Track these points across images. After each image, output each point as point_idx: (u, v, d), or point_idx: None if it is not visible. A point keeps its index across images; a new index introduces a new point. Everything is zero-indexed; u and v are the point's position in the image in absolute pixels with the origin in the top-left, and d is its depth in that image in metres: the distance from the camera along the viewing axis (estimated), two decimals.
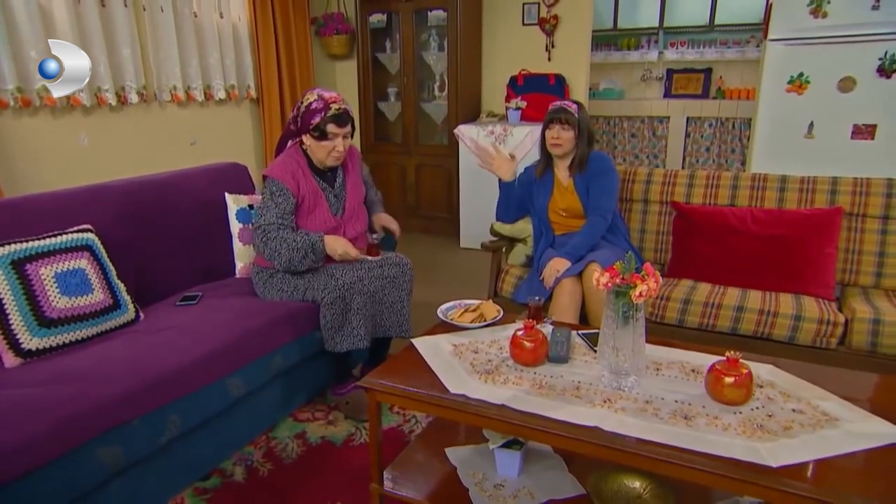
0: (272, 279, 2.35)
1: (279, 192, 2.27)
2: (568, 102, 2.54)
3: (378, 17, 4.67)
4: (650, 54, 6.48)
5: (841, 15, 3.13)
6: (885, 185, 2.45)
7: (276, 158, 2.42)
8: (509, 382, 1.59)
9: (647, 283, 1.46)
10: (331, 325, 2.22)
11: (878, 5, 3.02)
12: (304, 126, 2.26)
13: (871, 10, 3.05)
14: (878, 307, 2.17)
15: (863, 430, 1.34)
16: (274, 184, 2.28)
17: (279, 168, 2.32)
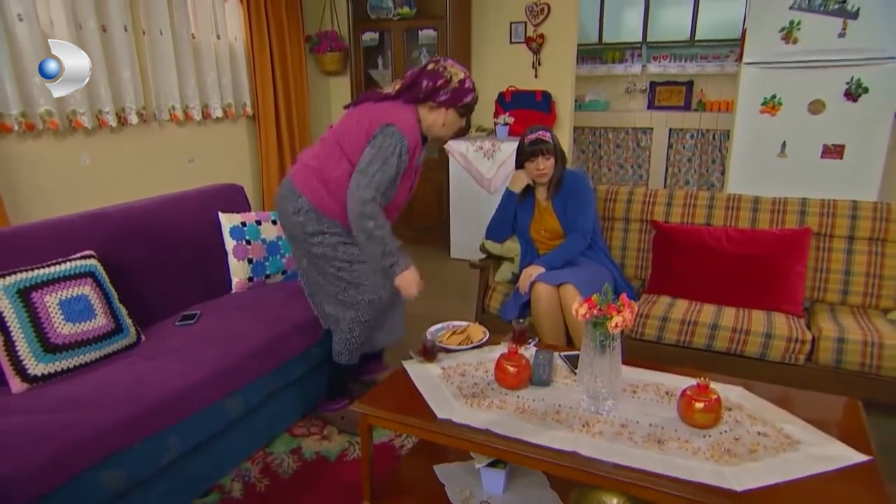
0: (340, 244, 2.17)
1: (404, 153, 2.07)
2: (542, 132, 2.58)
3: (370, 36, 4.70)
4: (634, 67, 6.56)
5: (810, 41, 3.20)
6: (850, 207, 2.52)
7: (383, 108, 2.13)
8: (494, 406, 1.64)
9: (623, 314, 1.51)
10: (362, 329, 2.24)
11: (845, 33, 3.09)
12: (455, 100, 2.14)
13: (838, 38, 3.12)
14: (843, 325, 2.23)
15: (822, 454, 1.40)
16: (403, 143, 2.06)
17: (412, 130, 2.10)
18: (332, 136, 2.21)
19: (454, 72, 2.16)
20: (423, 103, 2.17)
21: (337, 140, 2.17)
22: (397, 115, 2.10)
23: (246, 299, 2.53)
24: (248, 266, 2.66)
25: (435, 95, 2.14)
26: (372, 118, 2.10)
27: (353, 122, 2.17)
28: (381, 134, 2.06)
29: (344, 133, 2.16)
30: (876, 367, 2.09)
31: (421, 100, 2.16)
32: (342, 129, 2.19)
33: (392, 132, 2.05)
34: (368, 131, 2.09)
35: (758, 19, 3.33)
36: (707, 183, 6.15)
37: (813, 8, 3.16)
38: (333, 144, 2.17)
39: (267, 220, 2.76)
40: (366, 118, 2.12)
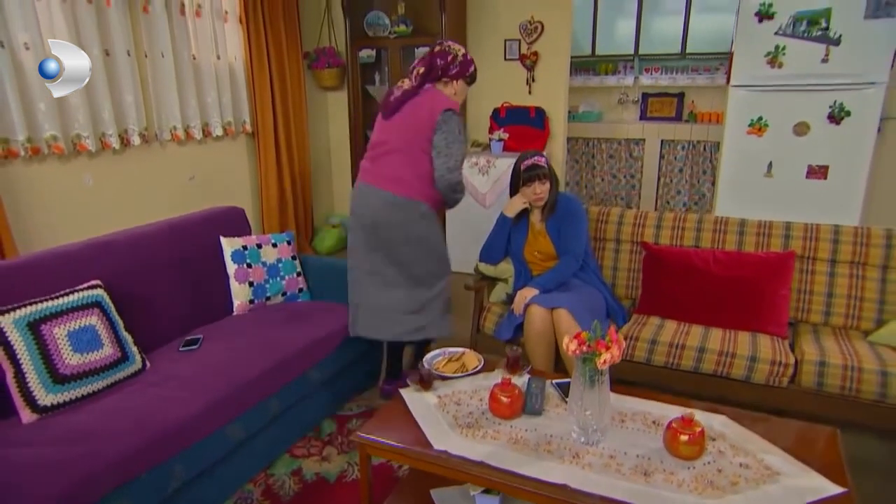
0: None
1: (462, 128, 2.48)
2: (537, 158, 2.64)
3: (367, 52, 4.75)
4: (626, 79, 6.63)
5: (795, 66, 3.27)
6: (832, 231, 2.58)
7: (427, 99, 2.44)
8: (488, 437, 1.69)
9: (612, 351, 1.57)
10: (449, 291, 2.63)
11: (827, 59, 3.16)
12: (463, 71, 2.51)
13: (821, 63, 3.19)
14: (825, 348, 2.29)
15: (800, 486, 1.46)
16: (459, 120, 2.45)
17: (455, 105, 2.49)
18: (401, 145, 2.48)
19: (456, 49, 2.54)
20: (440, 80, 2.50)
21: (409, 146, 2.46)
22: (440, 99, 2.46)
23: (247, 322, 2.57)
24: (249, 289, 2.71)
25: (447, 71, 2.49)
26: (429, 112, 2.42)
27: (410, 126, 2.46)
28: (443, 120, 2.41)
29: (411, 138, 2.46)
30: (855, 390, 2.15)
31: (438, 77, 2.49)
32: (404, 135, 2.48)
33: (451, 115, 2.43)
34: (431, 123, 2.41)
35: (744, 44, 3.39)
36: (698, 193, 6.22)
37: (797, 34, 3.23)
38: (411, 150, 2.46)
39: (267, 244, 2.80)
40: (421, 115, 2.44)
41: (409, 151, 2.46)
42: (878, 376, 2.12)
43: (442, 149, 2.41)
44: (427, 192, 2.49)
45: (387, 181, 2.48)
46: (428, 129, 2.41)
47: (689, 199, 6.30)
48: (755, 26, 3.32)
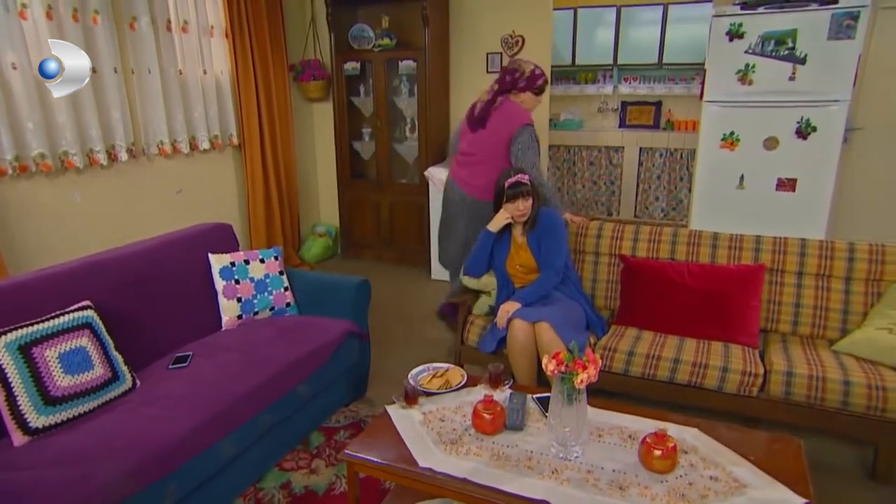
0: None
1: (534, 133, 3.05)
2: (519, 175, 2.68)
3: (352, 65, 4.77)
4: (606, 88, 6.74)
5: (764, 83, 3.36)
6: (799, 245, 2.66)
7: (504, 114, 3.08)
8: (471, 453, 1.73)
9: (588, 370, 1.62)
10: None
11: (794, 77, 3.26)
12: (531, 84, 3.08)
13: (788, 81, 3.28)
14: (792, 358, 2.36)
15: (766, 498, 1.52)
16: (532, 131, 3.03)
17: (528, 114, 3.06)
18: (485, 157, 3.14)
19: (525, 65, 3.11)
20: (510, 92, 3.09)
21: (491, 158, 3.10)
22: (516, 114, 3.06)
23: (236, 338, 2.59)
24: (238, 304, 2.72)
25: (515, 84, 3.07)
26: (507, 128, 3.05)
27: (492, 142, 3.10)
28: (518, 133, 3.03)
29: (493, 152, 3.11)
30: (820, 399, 2.22)
31: (509, 90, 3.09)
32: (487, 149, 3.13)
33: (524, 128, 3.03)
34: (509, 137, 3.05)
35: (716, 61, 3.47)
36: (675, 199, 6.33)
37: (766, 53, 3.32)
38: (492, 161, 3.08)
39: (255, 259, 2.82)
40: (501, 132, 3.07)
41: (491, 162, 3.08)
42: (841, 385, 2.19)
43: (518, 156, 3.03)
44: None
45: (466, 185, 3.23)
46: (507, 143, 3.05)
47: (666, 206, 6.41)
48: (726, 45, 3.41)
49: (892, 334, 2.34)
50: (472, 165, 3.19)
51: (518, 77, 3.07)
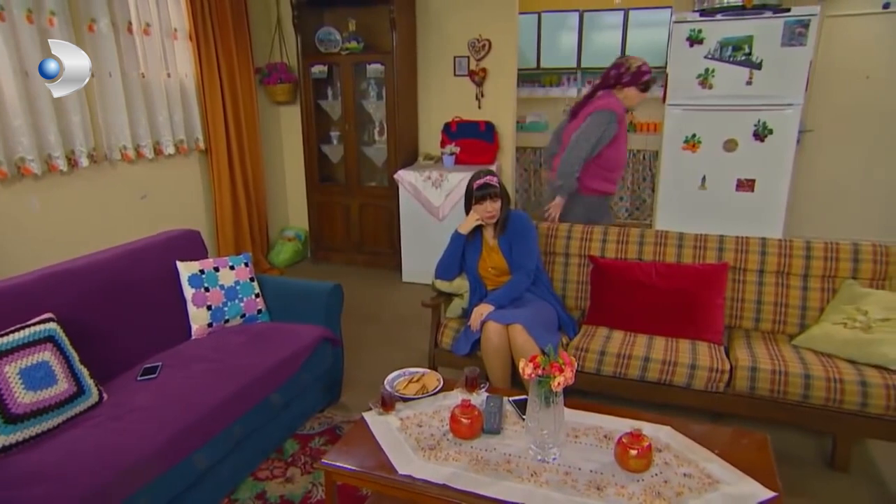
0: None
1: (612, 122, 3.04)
2: (488, 177, 2.68)
3: (319, 68, 4.71)
4: (570, 90, 6.82)
5: (723, 87, 3.44)
6: (759, 244, 2.73)
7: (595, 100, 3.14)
8: (450, 459, 1.72)
9: (565, 373, 1.62)
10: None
11: (751, 82, 3.35)
12: (635, 80, 3.06)
13: (746, 85, 3.37)
14: (756, 354, 2.42)
15: (737, 493, 1.55)
16: (611, 115, 3.03)
17: (616, 105, 3.06)
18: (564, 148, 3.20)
19: (632, 61, 3.11)
20: (614, 87, 3.11)
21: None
22: (599, 102, 3.11)
23: (206, 347, 2.52)
24: (208, 312, 2.65)
25: (620, 79, 3.08)
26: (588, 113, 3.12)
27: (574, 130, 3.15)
28: (587, 120, 3.06)
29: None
30: (783, 392, 2.28)
31: (612, 85, 3.11)
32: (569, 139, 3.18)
33: (595, 113, 3.05)
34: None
35: (678, 66, 3.54)
36: (639, 199, 6.44)
37: (724, 58, 3.40)
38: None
39: (224, 266, 2.75)
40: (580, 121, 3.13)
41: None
42: (802, 379, 2.26)
43: (572, 142, 3.06)
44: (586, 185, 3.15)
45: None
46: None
47: (630, 205, 6.52)
48: (687, 50, 3.48)
49: (847, 329, 2.42)
50: (557, 156, 3.26)
51: (623, 72, 3.09)
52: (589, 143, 3.03)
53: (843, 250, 2.62)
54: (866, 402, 2.18)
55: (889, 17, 4.73)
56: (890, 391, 2.16)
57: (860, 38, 4.69)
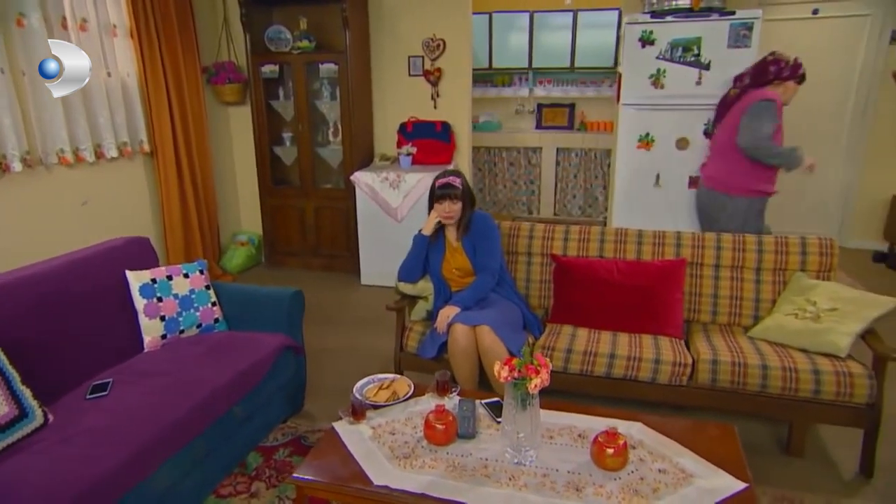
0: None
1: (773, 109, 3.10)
2: (452, 177, 2.66)
3: (270, 68, 4.56)
4: (522, 90, 6.87)
5: (674, 87, 3.53)
6: (715, 240, 2.81)
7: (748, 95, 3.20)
8: (426, 466, 1.68)
9: (541, 375, 1.61)
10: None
11: (700, 82, 3.46)
12: (794, 73, 3.18)
13: (695, 85, 3.48)
14: (716, 346, 2.49)
15: (712, 486, 1.57)
16: (770, 107, 3.08)
17: (774, 96, 3.13)
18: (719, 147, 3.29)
19: (787, 56, 3.21)
20: (771, 83, 3.17)
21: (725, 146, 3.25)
22: (755, 94, 3.15)
23: (161, 360, 2.39)
24: (161, 323, 2.52)
25: (780, 74, 3.18)
26: (740, 114, 3.16)
27: (728, 126, 3.19)
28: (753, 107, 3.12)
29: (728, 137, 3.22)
30: (743, 384, 2.35)
31: (770, 81, 3.17)
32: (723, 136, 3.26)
33: (758, 102, 3.11)
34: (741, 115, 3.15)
35: (631, 66, 3.61)
36: (591, 197, 6.56)
37: (674, 59, 3.49)
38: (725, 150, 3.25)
39: (178, 275, 2.62)
40: (735, 116, 3.17)
41: (726, 153, 3.22)
42: (760, 370, 2.33)
43: (744, 126, 3.10)
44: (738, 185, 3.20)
45: (708, 179, 3.34)
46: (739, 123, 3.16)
47: (583, 203, 6.63)
48: (639, 51, 3.55)
49: (798, 319, 2.51)
50: (710, 159, 3.35)
51: (783, 67, 3.17)
52: (768, 125, 3.07)
53: (792, 244, 2.73)
54: (819, 390, 2.27)
55: (818, 21, 4.98)
56: (840, 378, 2.25)
57: (794, 41, 4.91)
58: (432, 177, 4.09)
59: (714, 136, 3.35)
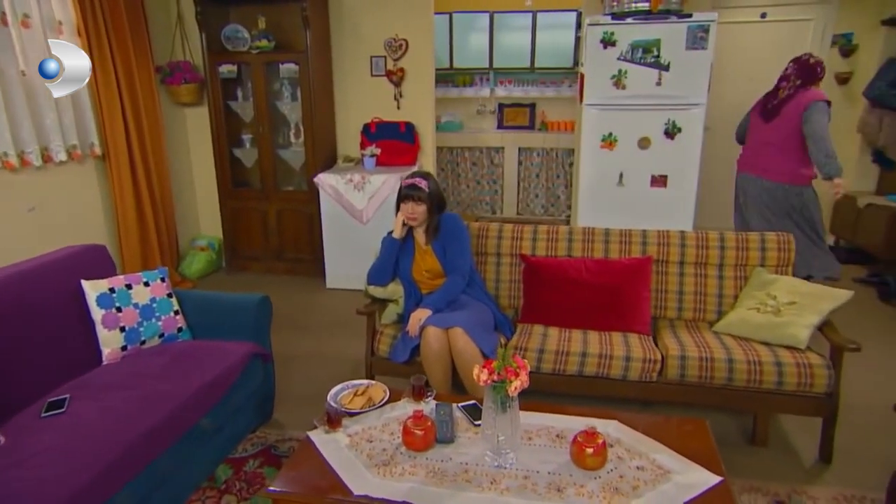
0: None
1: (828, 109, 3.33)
2: (419, 179, 2.64)
3: (228, 68, 4.44)
4: (483, 90, 6.90)
5: (635, 88, 3.61)
6: (679, 237, 2.87)
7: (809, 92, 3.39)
8: (406, 473, 1.65)
9: (521, 377, 1.60)
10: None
11: (661, 83, 3.54)
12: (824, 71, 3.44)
13: (656, 86, 3.56)
14: (683, 342, 2.54)
15: (689, 481, 1.60)
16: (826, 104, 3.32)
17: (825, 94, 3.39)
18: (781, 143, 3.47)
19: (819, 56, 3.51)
20: (815, 83, 3.41)
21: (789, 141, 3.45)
22: (808, 94, 3.37)
23: (121, 373, 2.28)
24: (121, 335, 2.41)
25: (824, 73, 3.44)
26: (801, 108, 3.35)
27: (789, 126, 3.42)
28: (811, 110, 3.33)
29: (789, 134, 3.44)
30: (710, 378, 2.41)
31: (820, 79, 3.42)
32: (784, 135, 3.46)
33: (815, 103, 3.33)
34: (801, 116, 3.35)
35: (593, 67, 3.66)
36: (553, 196, 6.64)
37: (635, 60, 3.56)
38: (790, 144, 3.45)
39: (138, 283, 2.51)
40: (796, 115, 3.38)
41: (787, 148, 3.44)
42: (726, 364, 2.39)
43: (815, 121, 3.28)
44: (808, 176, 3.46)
45: (765, 172, 3.51)
46: (800, 123, 3.34)
47: (546, 202, 6.70)
48: (601, 52, 3.60)
49: (760, 313, 2.59)
50: (769, 156, 3.50)
51: (823, 67, 3.44)
52: (827, 131, 3.30)
53: (752, 240, 2.81)
54: (782, 381, 2.34)
55: (766, 25, 5.19)
56: (801, 369, 2.33)
57: (745, 44, 5.10)
58: (398, 178, 4.07)
59: (763, 133, 3.54)
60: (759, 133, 3.54)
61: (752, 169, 3.58)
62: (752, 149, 3.59)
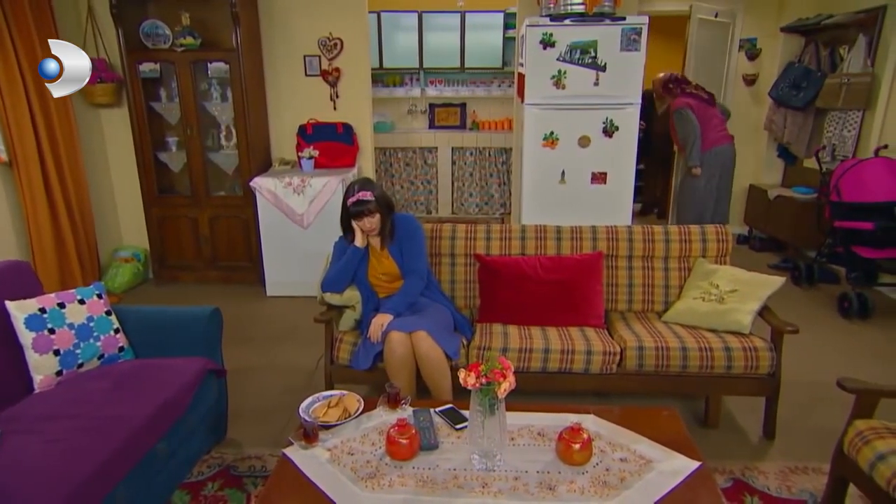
0: None
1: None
2: (361, 193, 2.55)
3: (150, 67, 4.15)
4: (414, 90, 6.89)
5: (574, 87, 3.71)
6: (627, 232, 2.98)
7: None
8: (395, 484, 1.61)
9: (509, 379, 1.60)
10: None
11: (598, 83, 3.67)
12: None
13: (593, 86, 3.68)
14: (638, 333, 2.64)
15: (671, 468, 1.66)
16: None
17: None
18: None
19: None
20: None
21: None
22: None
23: (58, 400, 2.07)
24: (56, 358, 2.19)
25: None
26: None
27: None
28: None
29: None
30: (666, 366, 2.52)
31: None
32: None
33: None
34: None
35: (534, 67, 3.73)
36: (487, 195, 6.73)
37: (574, 61, 3.66)
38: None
39: (72, 301, 2.30)
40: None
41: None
42: (680, 352, 2.51)
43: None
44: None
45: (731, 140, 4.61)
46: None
47: (480, 201, 6.78)
48: (541, 52, 3.68)
49: (705, 302, 2.74)
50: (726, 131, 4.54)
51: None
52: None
53: (693, 232, 2.97)
54: (731, 365, 2.49)
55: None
56: (747, 353, 2.48)
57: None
58: (339, 180, 3.97)
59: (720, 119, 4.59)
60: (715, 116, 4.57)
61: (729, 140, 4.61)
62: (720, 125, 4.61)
